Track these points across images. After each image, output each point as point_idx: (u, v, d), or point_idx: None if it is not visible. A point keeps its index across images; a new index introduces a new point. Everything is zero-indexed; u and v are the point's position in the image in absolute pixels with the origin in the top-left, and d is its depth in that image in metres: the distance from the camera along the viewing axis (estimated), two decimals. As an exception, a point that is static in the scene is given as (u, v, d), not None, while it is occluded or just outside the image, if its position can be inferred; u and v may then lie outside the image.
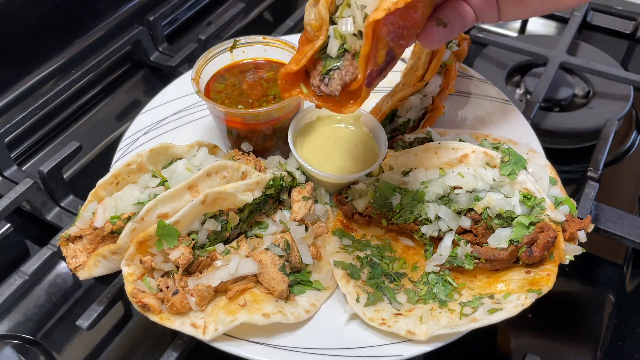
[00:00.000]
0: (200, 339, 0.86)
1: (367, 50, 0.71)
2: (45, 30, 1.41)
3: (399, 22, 0.72)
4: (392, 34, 0.73)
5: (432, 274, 0.94)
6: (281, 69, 0.78)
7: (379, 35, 0.71)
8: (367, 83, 0.74)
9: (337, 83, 0.75)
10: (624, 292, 1.07)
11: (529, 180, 0.92)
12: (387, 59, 0.74)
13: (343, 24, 0.74)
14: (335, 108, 0.78)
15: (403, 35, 0.74)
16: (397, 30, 0.73)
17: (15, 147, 1.34)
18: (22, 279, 1.01)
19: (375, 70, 0.73)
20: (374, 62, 0.73)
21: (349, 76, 0.75)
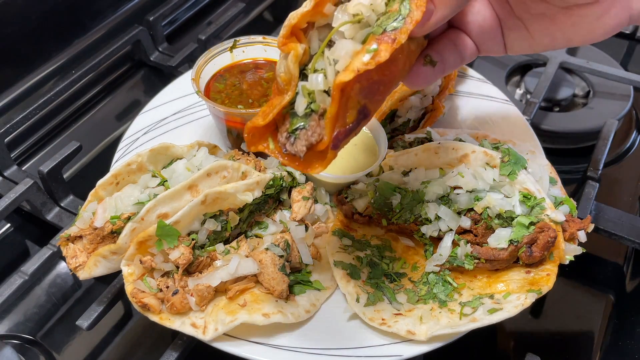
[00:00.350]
0: (200, 339, 0.86)
1: (334, 112, 0.66)
2: (45, 30, 1.41)
3: (374, 77, 0.67)
4: (365, 90, 0.68)
5: (432, 274, 0.94)
6: (248, 122, 0.73)
7: (348, 94, 0.66)
8: (333, 146, 0.68)
9: (302, 144, 0.70)
10: (624, 292, 1.07)
11: (529, 180, 0.92)
12: (358, 118, 0.69)
13: (312, 81, 0.68)
14: (301, 167, 0.72)
15: (379, 90, 0.69)
16: (371, 86, 0.68)
17: (15, 147, 1.34)
18: (22, 279, 1.00)
19: (343, 131, 0.68)
20: (343, 123, 0.68)
21: (314, 137, 0.69)
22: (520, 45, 0.81)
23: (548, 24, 0.77)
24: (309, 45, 0.71)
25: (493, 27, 0.80)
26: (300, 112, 0.70)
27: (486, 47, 0.81)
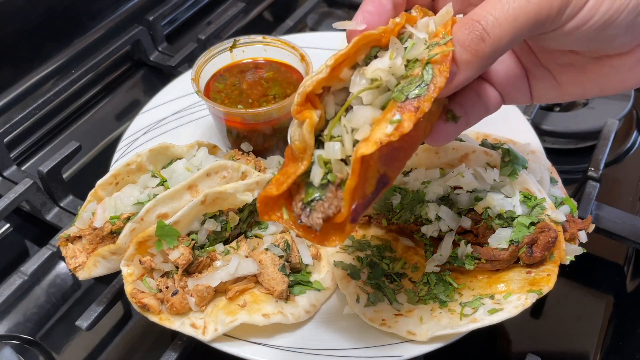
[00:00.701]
0: (200, 339, 0.86)
1: (353, 185, 0.61)
2: (44, 30, 1.41)
3: (394, 145, 0.62)
4: (385, 158, 0.64)
5: (433, 274, 0.94)
6: (261, 192, 0.69)
7: (368, 163, 0.63)
8: (352, 219, 0.63)
9: (318, 216, 0.65)
10: (624, 293, 1.07)
11: (529, 180, 0.92)
12: (378, 187, 0.65)
13: (329, 149, 0.64)
14: (316, 240, 0.67)
15: (399, 157, 0.66)
16: (391, 154, 0.64)
17: (14, 147, 1.34)
18: (21, 279, 1.00)
19: (362, 202, 0.64)
20: (362, 194, 0.64)
21: (331, 209, 0.64)
22: (548, 95, 0.77)
23: (578, 74, 0.73)
24: (325, 110, 0.68)
25: (518, 76, 0.77)
26: (317, 183, 0.66)
27: (512, 96, 0.77)
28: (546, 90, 0.76)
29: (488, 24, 0.61)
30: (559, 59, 0.73)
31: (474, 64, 0.63)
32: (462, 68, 0.63)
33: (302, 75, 1.17)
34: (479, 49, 0.62)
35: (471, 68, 0.63)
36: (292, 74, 1.19)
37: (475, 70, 0.64)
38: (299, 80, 1.17)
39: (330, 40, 1.39)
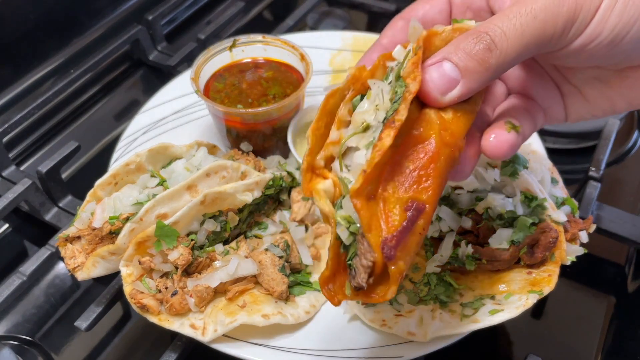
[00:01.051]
0: (200, 340, 0.86)
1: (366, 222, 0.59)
2: (43, 30, 1.41)
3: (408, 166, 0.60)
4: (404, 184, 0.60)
5: (433, 274, 0.93)
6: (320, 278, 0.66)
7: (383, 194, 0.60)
8: (387, 257, 0.58)
9: (360, 272, 0.61)
10: (625, 293, 1.06)
11: (530, 180, 0.92)
12: (409, 216, 0.59)
13: (345, 206, 0.62)
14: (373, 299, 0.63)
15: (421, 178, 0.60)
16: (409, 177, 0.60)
17: (13, 147, 1.34)
18: (20, 279, 1.00)
19: (392, 236, 0.58)
20: (388, 228, 0.59)
21: (367, 260, 0.60)
22: (579, 112, 0.74)
23: (604, 88, 0.71)
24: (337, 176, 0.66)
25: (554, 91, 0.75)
26: (347, 241, 0.63)
27: (550, 112, 0.74)
28: (577, 106, 0.74)
29: (496, 35, 0.60)
30: (582, 73, 0.72)
31: (478, 74, 0.61)
32: (467, 77, 0.61)
33: (302, 74, 1.17)
34: (485, 58, 0.60)
35: (475, 78, 0.62)
36: (292, 73, 1.19)
37: (479, 81, 0.62)
38: (298, 80, 1.17)
39: (330, 39, 1.39)
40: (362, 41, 1.37)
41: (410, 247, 0.60)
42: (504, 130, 0.66)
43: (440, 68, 0.62)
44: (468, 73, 0.61)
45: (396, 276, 0.59)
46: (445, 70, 0.61)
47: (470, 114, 0.66)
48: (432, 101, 0.63)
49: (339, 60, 1.36)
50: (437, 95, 0.62)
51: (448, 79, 0.61)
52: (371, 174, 0.58)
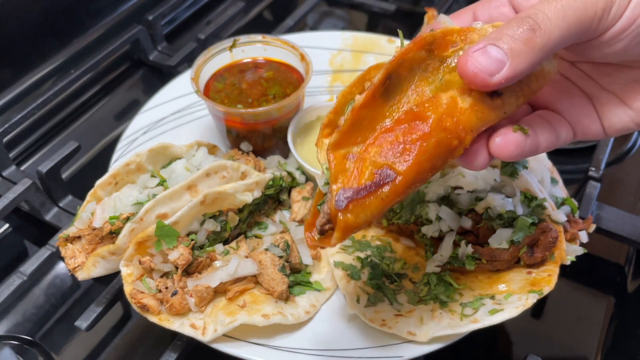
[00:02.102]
0: (200, 340, 0.86)
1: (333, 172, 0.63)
2: (43, 30, 1.41)
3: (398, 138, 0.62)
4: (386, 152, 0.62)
5: (433, 274, 0.94)
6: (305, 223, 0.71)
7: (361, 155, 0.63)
8: (337, 204, 0.61)
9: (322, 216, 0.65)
10: (625, 293, 1.06)
11: (530, 180, 0.92)
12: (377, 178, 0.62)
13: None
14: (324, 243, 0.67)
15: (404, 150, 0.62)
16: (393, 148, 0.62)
17: (13, 147, 1.34)
18: (20, 279, 1.00)
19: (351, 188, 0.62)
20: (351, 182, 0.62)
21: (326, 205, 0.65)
22: (621, 120, 0.72)
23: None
24: None
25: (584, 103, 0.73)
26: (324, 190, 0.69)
27: (582, 125, 0.72)
28: (617, 115, 0.72)
29: (538, 17, 0.61)
30: (621, 77, 0.71)
31: (525, 53, 0.61)
32: (514, 58, 0.61)
33: (302, 74, 1.17)
34: (530, 38, 0.61)
35: (523, 59, 0.61)
36: (292, 73, 1.19)
37: (527, 62, 0.62)
38: (298, 80, 1.17)
39: (330, 39, 1.39)
40: (362, 41, 1.37)
41: (367, 207, 0.62)
42: (510, 131, 0.67)
43: (486, 51, 0.62)
44: (514, 54, 0.61)
45: (341, 225, 0.62)
46: (492, 52, 0.61)
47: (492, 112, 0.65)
48: (481, 82, 0.62)
49: (339, 60, 1.36)
50: (486, 76, 0.62)
51: (495, 59, 0.61)
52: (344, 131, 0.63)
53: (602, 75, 0.72)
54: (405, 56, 0.64)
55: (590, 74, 0.74)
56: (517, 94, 0.66)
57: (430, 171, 0.64)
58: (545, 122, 0.70)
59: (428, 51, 0.65)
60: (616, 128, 0.72)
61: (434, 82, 0.65)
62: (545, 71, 0.68)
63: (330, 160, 0.63)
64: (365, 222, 0.63)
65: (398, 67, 0.64)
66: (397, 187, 0.62)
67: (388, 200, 0.62)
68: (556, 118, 0.72)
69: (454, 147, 0.63)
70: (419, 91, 0.65)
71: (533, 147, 0.68)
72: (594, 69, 0.73)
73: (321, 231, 0.66)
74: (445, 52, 0.65)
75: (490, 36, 0.63)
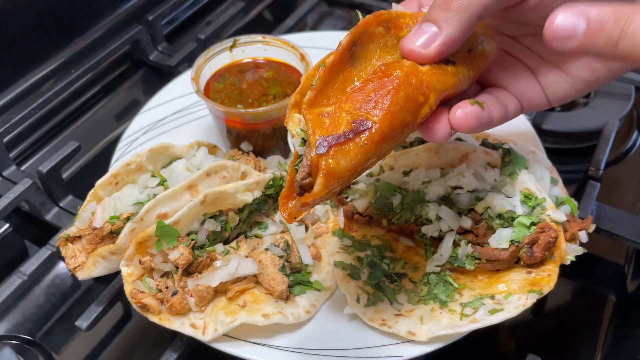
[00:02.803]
0: (200, 339, 0.86)
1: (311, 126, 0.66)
2: (44, 30, 1.41)
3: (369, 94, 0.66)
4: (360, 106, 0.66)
5: (433, 274, 0.94)
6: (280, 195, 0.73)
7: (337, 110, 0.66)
8: (318, 148, 0.64)
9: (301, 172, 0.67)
10: (625, 293, 1.06)
11: (530, 180, 0.92)
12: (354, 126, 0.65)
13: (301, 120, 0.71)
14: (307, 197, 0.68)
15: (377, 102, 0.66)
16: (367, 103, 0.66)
17: (14, 147, 1.34)
18: (21, 279, 1.00)
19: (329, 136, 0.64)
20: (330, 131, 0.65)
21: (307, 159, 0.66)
22: (563, 89, 0.77)
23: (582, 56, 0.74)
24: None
25: (527, 76, 0.78)
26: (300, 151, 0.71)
27: (527, 98, 0.78)
28: (558, 84, 0.77)
29: None
30: None
31: (452, 19, 0.66)
32: (443, 26, 0.67)
33: (302, 74, 1.17)
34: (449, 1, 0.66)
35: (451, 23, 0.67)
36: (292, 73, 1.19)
37: (456, 26, 0.67)
38: (298, 80, 1.17)
39: (330, 39, 1.39)
40: (362, 41, 1.37)
41: (347, 153, 0.64)
42: (467, 104, 0.71)
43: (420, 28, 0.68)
44: (442, 21, 0.67)
45: (324, 170, 0.64)
46: (422, 27, 0.68)
47: (449, 77, 0.71)
48: (417, 56, 0.68)
49: (339, 61, 1.36)
50: (420, 49, 0.68)
51: (426, 33, 0.68)
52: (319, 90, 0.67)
53: (542, 47, 0.76)
54: (367, 26, 0.70)
55: (532, 47, 0.78)
56: (468, 65, 0.74)
57: (402, 125, 0.68)
58: (494, 98, 0.76)
59: (386, 29, 0.72)
60: (559, 96, 0.77)
61: (394, 55, 0.72)
62: (486, 51, 0.76)
63: (307, 119, 0.66)
64: (346, 170, 0.65)
65: (361, 36, 0.70)
66: (374, 135, 0.65)
67: (367, 147, 0.65)
68: (503, 93, 0.77)
69: (420, 102, 0.68)
70: (382, 60, 0.71)
71: (488, 120, 0.73)
72: (534, 42, 0.78)
73: (301, 187, 0.68)
74: (400, 33, 0.72)
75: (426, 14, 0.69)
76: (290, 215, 0.72)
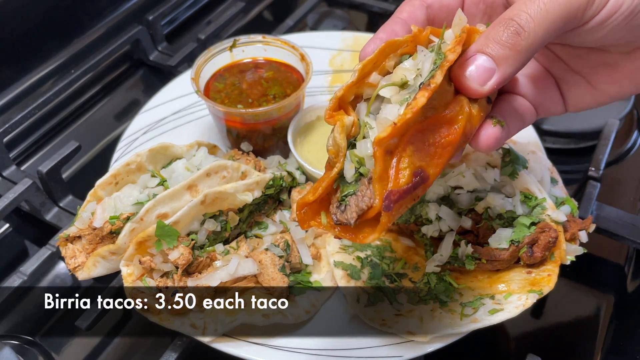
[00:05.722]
0: (200, 339, 0.86)
1: (379, 171, 0.63)
2: (44, 30, 1.41)
3: (430, 138, 0.65)
4: (421, 152, 0.65)
5: (433, 274, 0.94)
6: (299, 199, 0.70)
7: (401, 153, 0.64)
8: (385, 207, 0.63)
9: (352, 210, 0.66)
10: (625, 293, 1.06)
11: (530, 180, 0.92)
12: (414, 181, 0.64)
13: (361, 146, 0.67)
14: (353, 237, 0.68)
15: (436, 153, 0.66)
16: (427, 149, 0.65)
17: (14, 147, 1.34)
18: (20, 279, 1.00)
19: (396, 192, 0.64)
20: (395, 184, 0.64)
21: (364, 202, 0.65)
22: (584, 100, 0.76)
23: (612, 72, 0.73)
24: (358, 117, 0.69)
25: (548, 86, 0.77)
26: (350, 179, 0.67)
27: (544, 107, 0.77)
28: (581, 95, 0.76)
29: (522, 19, 0.63)
30: (590, 60, 0.73)
31: (511, 58, 0.64)
32: (502, 64, 0.64)
33: (302, 75, 1.17)
34: (515, 43, 0.63)
35: (510, 63, 0.64)
36: (292, 73, 1.19)
37: (514, 66, 0.65)
38: (299, 80, 1.17)
39: (330, 39, 1.39)
40: (362, 41, 1.37)
41: (402, 208, 0.66)
42: (490, 125, 0.70)
43: (476, 61, 0.65)
44: (502, 60, 0.64)
45: (384, 227, 0.65)
46: (481, 62, 0.65)
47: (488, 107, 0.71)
48: (473, 92, 0.66)
49: (339, 61, 1.36)
50: (477, 86, 0.65)
51: (484, 69, 0.65)
52: (399, 129, 0.62)
53: (572, 57, 0.75)
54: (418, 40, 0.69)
55: (561, 56, 0.76)
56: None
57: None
58: (512, 109, 0.74)
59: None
60: (578, 107, 0.77)
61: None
62: None
63: (377, 157, 0.63)
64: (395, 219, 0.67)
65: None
66: (426, 186, 0.66)
67: (417, 198, 0.66)
68: (520, 102, 0.75)
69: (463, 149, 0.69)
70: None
71: (506, 138, 0.73)
72: (564, 51, 0.76)
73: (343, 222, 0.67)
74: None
75: (479, 42, 0.65)
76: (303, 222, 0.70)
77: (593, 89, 0.75)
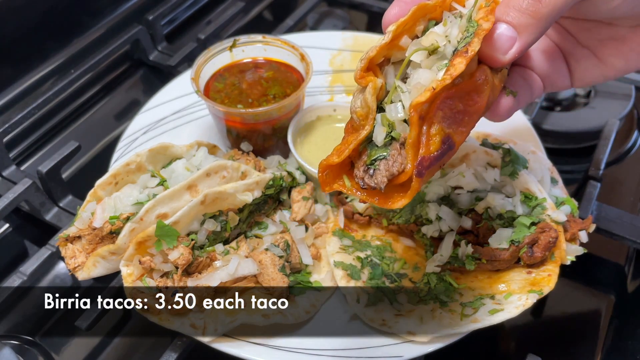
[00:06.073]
0: (200, 339, 0.86)
1: (415, 136, 0.63)
2: (44, 30, 1.41)
3: (458, 105, 0.65)
4: (449, 119, 0.65)
5: (433, 274, 0.94)
6: (322, 161, 0.68)
7: (431, 120, 0.64)
8: (417, 173, 0.63)
9: (382, 174, 0.65)
10: (625, 293, 1.06)
11: (530, 180, 0.92)
12: (442, 148, 0.64)
13: (391, 110, 0.66)
14: (381, 202, 0.67)
15: (463, 121, 0.66)
16: (455, 116, 0.65)
17: (14, 147, 1.34)
18: (20, 279, 1.00)
19: (428, 158, 0.63)
20: (427, 151, 0.64)
21: (396, 167, 0.65)
22: (592, 75, 0.77)
23: (619, 45, 0.74)
24: (385, 81, 0.69)
25: (557, 60, 0.78)
26: (380, 142, 0.66)
27: (552, 80, 0.78)
28: (589, 69, 0.77)
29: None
30: (599, 33, 0.74)
31: (533, 26, 0.64)
32: (523, 32, 0.64)
33: (302, 75, 1.17)
34: (536, 10, 0.63)
35: (531, 31, 0.64)
36: (292, 73, 1.19)
37: (535, 33, 0.65)
38: (299, 80, 1.17)
39: (330, 39, 1.39)
40: (362, 41, 1.37)
41: (431, 172, 0.66)
42: (503, 95, 0.71)
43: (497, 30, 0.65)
44: (523, 28, 0.64)
45: (415, 191, 0.64)
46: (502, 30, 0.65)
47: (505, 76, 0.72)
48: (495, 61, 0.66)
49: (339, 61, 1.36)
50: (499, 55, 0.65)
51: (506, 38, 0.65)
52: (436, 94, 0.62)
53: (581, 31, 0.75)
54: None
55: (570, 30, 0.77)
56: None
57: None
58: (522, 80, 0.75)
59: None
60: (585, 81, 0.78)
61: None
62: None
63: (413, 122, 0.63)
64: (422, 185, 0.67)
65: None
66: (452, 154, 0.66)
67: (443, 165, 0.66)
68: (529, 74, 0.76)
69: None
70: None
71: (517, 108, 0.74)
72: (573, 25, 0.77)
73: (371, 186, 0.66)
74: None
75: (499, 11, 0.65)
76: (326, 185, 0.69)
77: (600, 63, 0.76)
